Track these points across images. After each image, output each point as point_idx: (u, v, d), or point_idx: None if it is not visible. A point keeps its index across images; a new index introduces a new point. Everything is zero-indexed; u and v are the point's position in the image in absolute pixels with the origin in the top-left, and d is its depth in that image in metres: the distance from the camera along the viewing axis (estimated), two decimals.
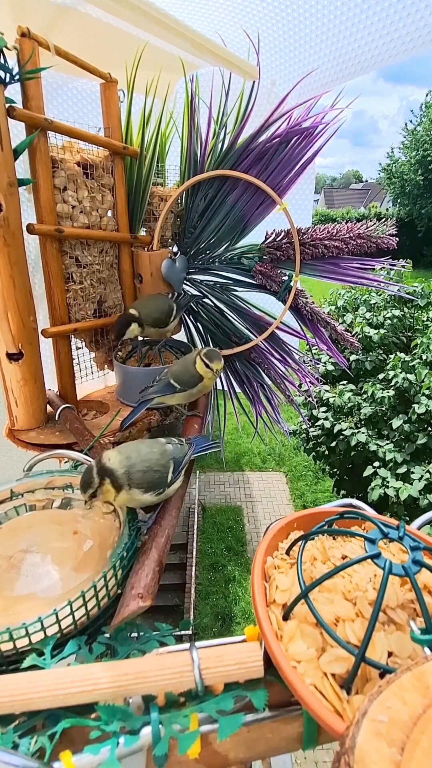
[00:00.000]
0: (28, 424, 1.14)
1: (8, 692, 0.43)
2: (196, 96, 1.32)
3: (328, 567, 0.51)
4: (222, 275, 1.49)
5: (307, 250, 1.35)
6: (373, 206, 22.91)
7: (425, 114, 18.02)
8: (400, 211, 18.93)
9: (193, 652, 0.46)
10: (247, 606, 4.61)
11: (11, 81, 0.94)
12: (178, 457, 0.81)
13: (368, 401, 3.91)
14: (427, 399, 3.52)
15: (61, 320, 1.19)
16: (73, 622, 0.56)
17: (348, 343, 1.49)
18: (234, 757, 0.45)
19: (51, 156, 1.07)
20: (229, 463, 6.75)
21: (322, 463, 4.44)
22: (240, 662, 0.45)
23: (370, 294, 4.49)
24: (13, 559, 0.67)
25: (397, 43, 1.39)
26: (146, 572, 0.63)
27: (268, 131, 1.29)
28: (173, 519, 0.78)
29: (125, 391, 1.31)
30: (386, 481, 3.51)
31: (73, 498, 0.83)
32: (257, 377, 1.53)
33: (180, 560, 4.97)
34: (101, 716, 0.44)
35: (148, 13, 1.20)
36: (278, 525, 0.59)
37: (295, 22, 1.55)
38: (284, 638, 0.45)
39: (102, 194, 1.23)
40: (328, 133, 1.28)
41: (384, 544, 0.54)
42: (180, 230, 1.51)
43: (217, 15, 1.65)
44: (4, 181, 0.94)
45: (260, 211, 1.39)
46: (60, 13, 1.22)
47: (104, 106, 1.25)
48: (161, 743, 0.42)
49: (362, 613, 0.45)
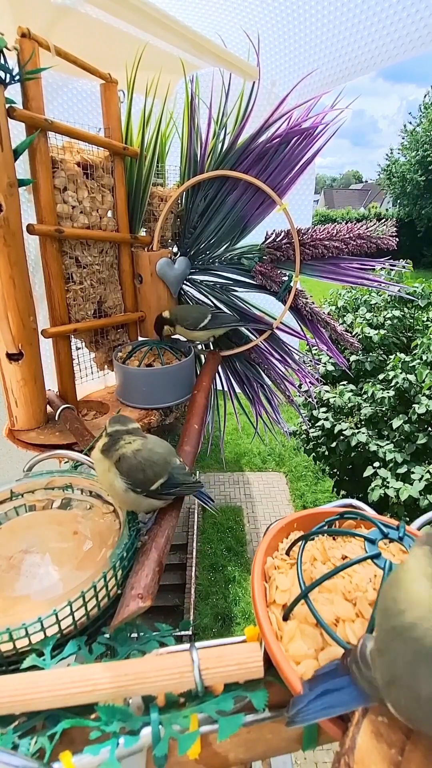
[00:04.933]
0: (28, 425, 1.14)
1: (8, 692, 0.43)
2: (196, 96, 1.32)
3: (328, 567, 0.51)
4: (222, 275, 1.49)
5: (307, 250, 1.35)
6: (373, 207, 22.91)
7: (424, 114, 18.02)
8: (400, 211, 18.92)
9: (193, 652, 0.46)
10: (247, 606, 4.60)
11: (11, 81, 0.94)
12: (176, 477, 0.76)
13: (368, 401, 3.91)
14: (427, 399, 3.52)
15: (61, 320, 1.19)
16: (72, 622, 0.56)
17: (348, 343, 1.49)
18: (234, 758, 0.44)
19: (51, 156, 1.07)
20: (229, 464, 6.74)
21: (322, 463, 4.43)
22: (240, 663, 0.45)
23: (371, 294, 4.48)
24: (13, 560, 0.67)
25: (397, 44, 1.39)
26: (146, 573, 0.63)
27: (268, 132, 1.29)
28: (173, 519, 0.77)
29: (125, 392, 1.30)
30: (386, 482, 3.51)
31: (73, 498, 0.83)
32: (257, 377, 1.53)
33: (180, 561, 4.96)
34: (101, 717, 0.44)
35: (148, 13, 1.20)
36: (278, 525, 0.59)
37: (295, 22, 1.55)
38: (284, 638, 0.45)
39: (102, 194, 1.23)
40: (328, 134, 1.28)
41: (384, 545, 0.54)
42: (180, 230, 1.51)
43: (217, 15, 1.65)
44: (4, 181, 0.94)
45: (260, 212, 1.39)
46: (60, 14, 1.22)
47: (104, 106, 1.25)
48: (161, 744, 0.42)
49: (362, 614, 0.45)
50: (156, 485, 0.72)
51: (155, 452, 0.74)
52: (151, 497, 0.73)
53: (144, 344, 1.35)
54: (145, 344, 1.35)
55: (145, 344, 1.35)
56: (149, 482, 0.72)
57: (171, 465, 0.76)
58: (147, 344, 1.35)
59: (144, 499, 0.72)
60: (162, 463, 0.74)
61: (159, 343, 1.35)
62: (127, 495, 0.71)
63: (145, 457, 0.72)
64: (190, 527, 5.33)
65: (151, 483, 0.72)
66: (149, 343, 1.35)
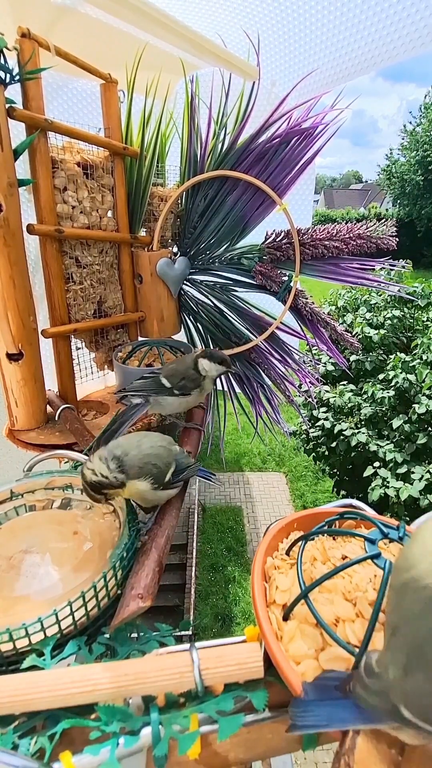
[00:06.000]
0: (28, 425, 1.14)
1: (8, 693, 0.43)
2: (196, 96, 1.32)
3: (328, 567, 0.51)
4: (222, 275, 1.49)
5: (307, 250, 1.35)
6: (373, 207, 22.90)
7: (424, 114, 18.02)
8: (400, 211, 18.92)
9: (193, 652, 0.46)
10: (247, 606, 4.60)
11: (11, 81, 0.94)
12: (181, 462, 0.79)
13: (368, 401, 3.91)
14: (427, 399, 3.52)
15: (61, 320, 1.19)
16: (72, 622, 0.56)
17: (348, 343, 1.49)
18: (234, 758, 0.44)
19: (51, 156, 1.07)
20: (229, 464, 6.74)
21: (322, 463, 4.43)
22: (240, 663, 0.45)
23: (371, 294, 4.48)
24: (13, 560, 0.67)
25: (397, 44, 1.39)
26: (146, 573, 0.63)
27: (268, 132, 1.29)
28: (173, 520, 0.78)
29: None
30: (386, 482, 3.51)
31: (73, 498, 0.83)
32: (257, 377, 1.53)
33: (180, 561, 4.96)
34: (101, 717, 0.44)
35: (148, 13, 1.20)
36: (278, 525, 0.59)
37: (295, 22, 1.55)
38: (284, 638, 0.45)
39: (102, 194, 1.23)
40: (328, 134, 1.28)
41: (384, 545, 0.54)
42: (180, 231, 1.51)
43: (217, 15, 1.65)
44: (4, 181, 0.94)
45: (260, 212, 1.39)
46: (60, 14, 1.22)
47: (104, 106, 1.25)
48: (161, 744, 0.42)
49: (362, 614, 0.45)
50: (168, 476, 0.75)
51: (157, 447, 0.75)
52: (167, 488, 0.76)
53: (144, 344, 1.35)
54: (145, 344, 1.35)
55: (145, 344, 1.35)
56: (164, 474, 0.74)
57: (174, 452, 0.79)
58: (147, 344, 1.35)
59: (162, 492, 0.75)
60: (166, 453, 0.76)
61: (159, 343, 1.35)
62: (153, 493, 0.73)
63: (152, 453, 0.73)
64: (190, 527, 5.34)
65: (165, 474, 0.74)
66: (149, 343, 1.35)
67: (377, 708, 0.35)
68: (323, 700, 0.38)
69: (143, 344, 1.35)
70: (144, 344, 1.35)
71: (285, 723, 0.45)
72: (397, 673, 0.34)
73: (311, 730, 0.37)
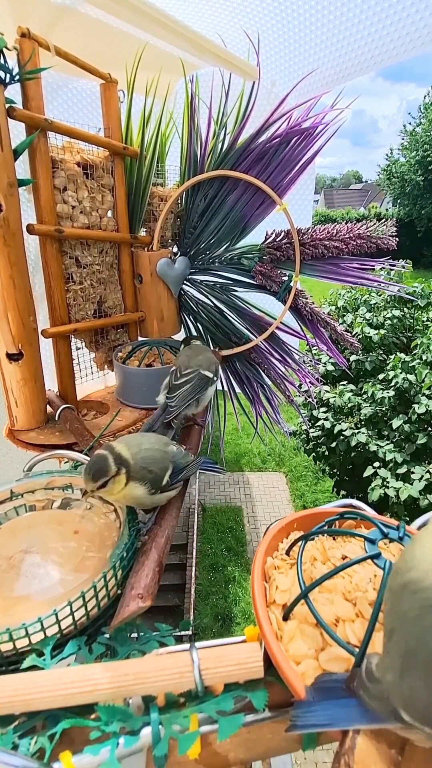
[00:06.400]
0: (28, 425, 1.14)
1: (8, 692, 0.43)
2: (196, 96, 1.32)
3: (328, 567, 0.51)
4: (222, 275, 1.49)
5: (307, 250, 1.35)
6: (373, 207, 22.90)
7: (424, 114, 18.02)
8: (400, 211, 18.91)
9: (193, 652, 0.46)
10: (247, 606, 4.60)
11: (11, 81, 0.94)
12: (179, 462, 0.78)
13: (368, 401, 3.90)
14: (427, 399, 3.52)
15: (61, 320, 1.19)
16: (72, 622, 0.56)
17: (348, 343, 1.49)
18: (234, 758, 0.44)
19: (51, 156, 1.07)
20: (229, 464, 6.74)
21: (322, 463, 4.43)
22: (240, 663, 0.45)
23: (371, 294, 4.48)
24: (13, 560, 0.67)
25: (397, 44, 1.39)
26: (146, 573, 0.63)
27: (268, 131, 1.29)
28: (173, 519, 0.77)
29: (125, 392, 1.30)
30: (386, 482, 3.51)
31: (73, 498, 0.83)
32: (257, 377, 1.53)
33: (180, 561, 4.96)
34: (101, 717, 0.44)
35: (148, 13, 1.20)
36: (278, 525, 0.59)
37: (295, 22, 1.55)
38: (284, 638, 0.45)
39: (102, 194, 1.23)
40: (328, 134, 1.28)
41: (384, 545, 0.54)
42: (180, 230, 1.51)
43: (217, 15, 1.65)
44: (4, 181, 0.94)
45: (260, 212, 1.39)
46: (60, 14, 1.22)
47: (104, 106, 1.25)
48: (161, 744, 0.42)
49: (362, 614, 0.45)
50: (165, 479, 0.74)
51: (153, 449, 0.75)
52: (165, 491, 0.75)
53: (144, 344, 1.35)
54: (145, 344, 1.35)
55: (145, 344, 1.35)
56: (160, 479, 0.73)
57: (170, 454, 0.78)
58: (147, 344, 1.35)
59: (160, 495, 0.74)
60: (162, 456, 0.76)
61: (159, 343, 1.35)
62: (150, 498, 0.72)
63: (147, 456, 0.73)
64: (190, 527, 5.33)
65: (161, 479, 0.73)
66: (149, 343, 1.35)
67: (379, 710, 0.35)
68: (328, 699, 0.38)
69: (143, 344, 1.35)
70: (144, 344, 1.35)
71: (285, 723, 0.45)
72: (394, 676, 0.33)
73: (315, 729, 0.37)
